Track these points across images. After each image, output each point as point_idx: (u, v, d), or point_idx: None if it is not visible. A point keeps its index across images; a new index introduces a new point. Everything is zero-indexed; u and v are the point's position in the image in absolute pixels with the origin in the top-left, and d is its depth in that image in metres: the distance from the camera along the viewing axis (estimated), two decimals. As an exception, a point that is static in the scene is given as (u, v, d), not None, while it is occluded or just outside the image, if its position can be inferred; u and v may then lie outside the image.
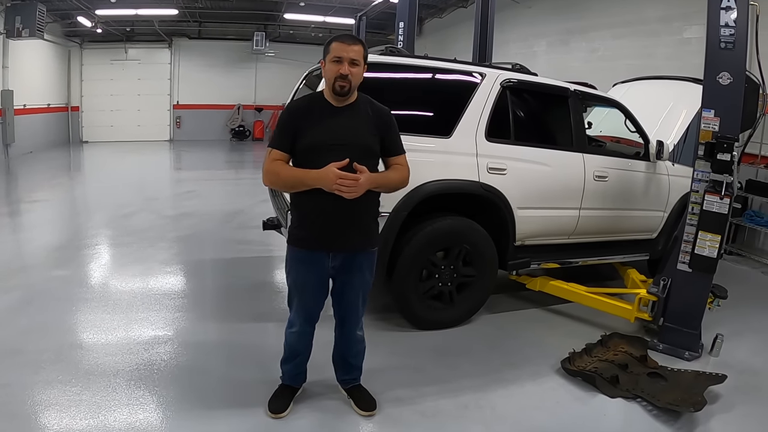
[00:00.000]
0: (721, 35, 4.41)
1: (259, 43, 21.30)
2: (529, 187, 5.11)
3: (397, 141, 3.43)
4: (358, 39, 3.30)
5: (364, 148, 3.27)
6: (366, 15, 13.24)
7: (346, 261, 3.36)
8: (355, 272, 3.42)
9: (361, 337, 3.68)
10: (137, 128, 21.68)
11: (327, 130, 3.19)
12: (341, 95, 3.24)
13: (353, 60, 3.19)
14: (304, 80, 5.79)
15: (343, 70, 3.17)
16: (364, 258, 3.44)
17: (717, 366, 4.48)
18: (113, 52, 21.18)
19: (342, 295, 3.49)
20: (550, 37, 13.79)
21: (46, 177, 13.40)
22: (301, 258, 3.38)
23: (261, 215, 6.17)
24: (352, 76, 3.20)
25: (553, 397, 4.00)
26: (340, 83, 3.19)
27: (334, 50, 3.22)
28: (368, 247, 3.44)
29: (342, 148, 3.17)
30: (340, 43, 3.23)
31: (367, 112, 3.33)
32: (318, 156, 3.16)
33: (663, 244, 6.19)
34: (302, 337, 3.57)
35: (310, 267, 3.37)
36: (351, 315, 3.57)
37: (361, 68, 3.25)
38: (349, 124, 3.27)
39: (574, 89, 5.62)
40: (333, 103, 3.29)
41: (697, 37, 8.57)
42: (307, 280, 3.41)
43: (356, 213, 3.24)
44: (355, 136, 3.25)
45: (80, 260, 6.73)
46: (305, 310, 3.50)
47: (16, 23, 14.01)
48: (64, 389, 3.75)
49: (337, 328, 3.66)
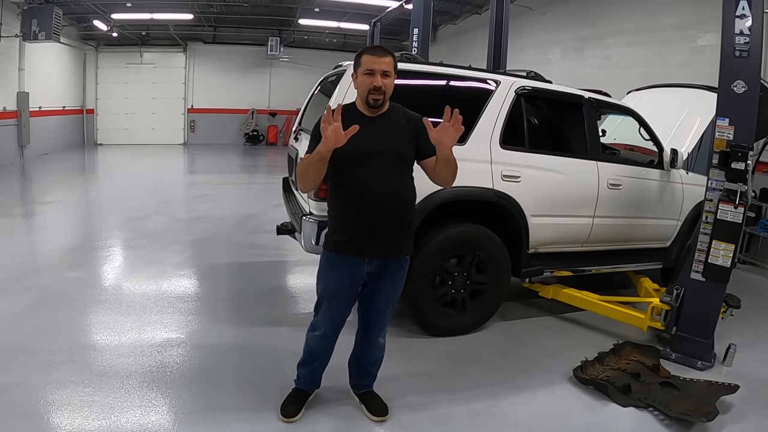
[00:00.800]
0: (735, 43, 4.39)
1: (274, 48, 21.43)
2: (543, 194, 5.11)
3: (430, 142, 3.42)
4: (388, 50, 3.32)
5: (401, 155, 3.31)
6: (380, 21, 13.32)
7: (381, 267, 3.37)
8: (388, 278, 3.43)
9: (382, 344, 3.68)
10: (151, 132, 21.83)
11: (363, 139, 3.17)
12: (375, 107, 3.27)
13: (385, 72, 3.22)
14: (319, 86, 5.82)
15: (376, 83, 3.20)
16: (398, 265, 3.45)
17: (729, 376, 4.46)
18: (128, 56, 21.37)
19: (372, 301, 3.49)
20: (565, 44, 13.76)
21: (60, 179, 13.53)
22: (337, 262, 3.38)
23: (274, 220, 6.19)
24: (385, 87, 3.22)
25: (565, 405, 3.99)
26: (374, 96, 3.22)
27: (365, 63, 3.24)
28: (403, 254, 3.45)
29: (379, 155, 3.22)
30: (371, 55, 3.25)
31: (400, 120, 3.36)
32: (356, 164, 3.20)
33: (676, 252, 6.15)
34: (324, 341, 3.57)
35: (346, 272, 3.37)
36: (378, 321, 3.57)
37: (392, 79, 3.28)
38: (384, 132, 3.29)
39: (589, 97, 5.61)
40: (366, 113, 3.31)
41: (712, 45, 8.52)
42: (341, 285, 3.41)
43: (393, 219, 3.26)
44: (391, 144, 3.28)
45: (94, 262, 6.78)
46: (334, 316, 3.49)
47: (32, 26, 14.16)
48: (76, 390, 3.78)
49: (360, 332, 3.66)
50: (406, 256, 3.48)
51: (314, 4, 17.37)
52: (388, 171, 3.23)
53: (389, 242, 3.33)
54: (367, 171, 3.20)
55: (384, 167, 3.23)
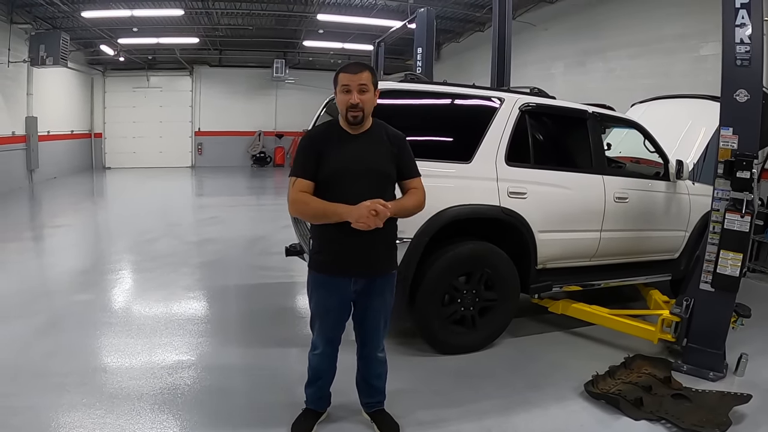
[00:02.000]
0: (736, 52, 4.40)
1: (279, 70, 21.62)
2: (549, 210, 5.11)
3: (411, 164, 3.45)
4: (365, 65, 3.33)
5: (383, 174, 3.31)
6: (384, 41, 13.39)
7: (368, 285, 3.38)
8: (376, 295, 3.43)
9: (382, 358, 3.68)
10: (159, 155, 22.03)
11: (346, 157, 3.22)
12: (354, 124, 3.27)
13: (362, 87, 3.22)
14: (325, 107, 5.86)
15: (352, 100, 3.20)
16: (385, 281, 3.46)
17: (742, 386, 4.42)
18: (135, 80, 21.62)
19: (365, 319, 3.50)
20: (568, 59, 13.84)
21: (69, 202, 13.64)
22: (323, 282, 3.40)
23: (283, 241, 6.21)
24: (363, 104, 3.22)
25: (576, 420, 3.97)
26: (353, 113, 3.23)
27: (341, 80, 3.26)
28: (388, 270, 3.46)
29: (361, 174, 3.22)
30: (345, 73, 3.26)
31: (383, 138, 3.36)
32: (338, 183, 3.20)
33: (685, 263, 6.14)
34: (324, 358, 3.57)
35: (332, 292, 3.39)
36: (373, 337, 3.57)
37: (371, 94, 3.28)
38: (367, 150, 3.29)
39: (593, 111, 5.62)
40: (349, 131, 3.31)
41: (713, 54, 8.55)
42: (329, 305, 3.42)
43: (376, 238, 3.23)
44: (374, 162, 3.28)
45: (103, 285, 6.81)
46: (327, 333, 3.51)
47: (40, 51, 14.39)
48: (88, 412, 3.79)
49: (359, 350, 3.66)
50: (392, 271, 3.49)
51: (318, 26, 17.53)
52: (370, 190, 3.19)
53: (373, 261, 3.34)
54: (349, 190, 3.18)
55: (367, 186, 3.21)
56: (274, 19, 17.09)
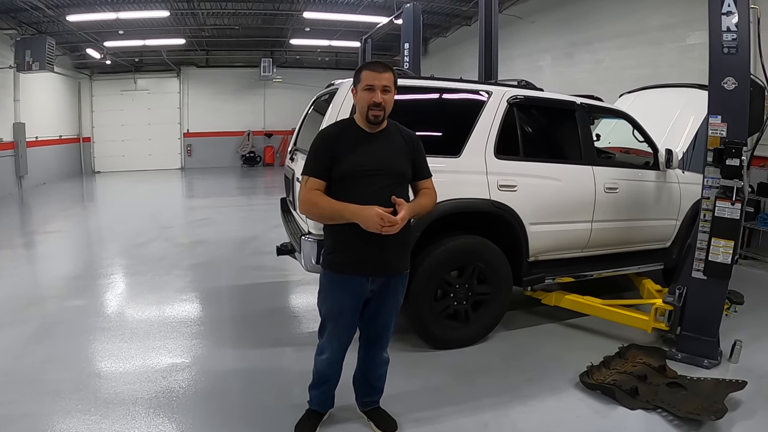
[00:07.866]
0: (723, 40, 4.42)
1: (267, 69, 21.57)
2: (540, 202, 5.12)
3: (425, 165, 3.45)
4: (388, 66, 3.30)
5: (400, 173, 3.30)
6: (371, 37, 13.36)
7: (384, 284, 3.36)
8: (390, 294, 3.42)
9: (386, 359, 3.67)
10: (149, 157, 21.99)
11: (363, 156, 3.19)
12: (375, 123, 3.24)
13: (385, 87, 3.20)
14: (313, 105, 5.84)
15: (376, 98, 3.17)
16: (400, 280, 3.45)
17: (737, 372, 4.44)
18: (123, 83, 21.56)
19: (376, 318, 3.47)
20: (555, 51, 13.86)
21: (59, 208, 13.58)
22: (340, 282, 3.34)
23: (275, 241, 6.18)
24: (385, 104, 3.20)
25: (573, 411, 3.98)
26: (374, 112, 3.20)
27: (365, 78, 3.22)
28: (404, 270, 3.45)
29: (379, 174, 3.20)
30: (371, 71, 3.22)
31: (399, 138, 3.35)
32: (355, 183, 3.17)
33: (677, 252, 6.16)
34: (333, 364, 3.54)
35: (350, 291, 3.34)
36: (382, 336, 3.56)
37: (392, 95, 3.26)
38: (384, 150, 3.27)
39: (581, 102, 5.62)
40: (366, 129, 3.28)
41: (701, 43, 8.58)
42: (345, 305, 3.37)
43: (392, 237, 3.19)
44: (391, 162, 3.26)
45: (96, 290, 6.78)
46: (341, 337, 3.46)
47: (26, 57, 14.32)
48: (83, 418, 3.77)
49: (363, 348, 3.64)
50: (406, 271, 3.48)
51: (305, 23, 17.49)
52: (387, 189, 3.18)
53: (389, 260, 3.31)
54: (367, 189, 3.15)
55: (384, 185, 3.19)
56: (260, 18, 17.07)
